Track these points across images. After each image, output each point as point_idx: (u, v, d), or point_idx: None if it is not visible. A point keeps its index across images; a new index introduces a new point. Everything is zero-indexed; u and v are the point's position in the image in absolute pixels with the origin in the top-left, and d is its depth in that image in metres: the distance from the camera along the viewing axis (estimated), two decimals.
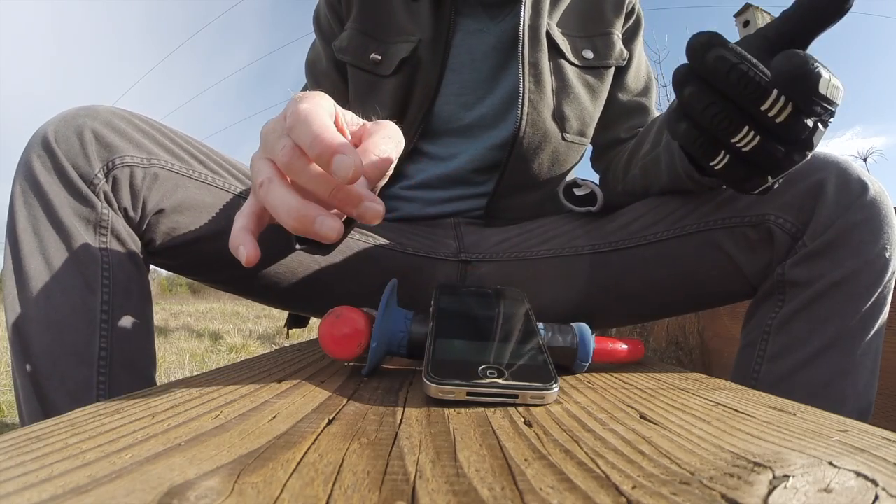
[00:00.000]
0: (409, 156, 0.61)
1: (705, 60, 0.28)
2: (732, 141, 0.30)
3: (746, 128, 0.29)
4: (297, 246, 0.38)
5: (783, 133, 0.29)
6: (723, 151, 0.31)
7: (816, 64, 0.26)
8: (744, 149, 0.30)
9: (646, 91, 0.66)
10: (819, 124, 0.29)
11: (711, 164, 0.32)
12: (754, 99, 0.28)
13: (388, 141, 0.31)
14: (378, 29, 0.59)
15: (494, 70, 0.60)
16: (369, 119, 0.35)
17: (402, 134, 0.34)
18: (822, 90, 0.26)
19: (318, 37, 0.65)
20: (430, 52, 0.58)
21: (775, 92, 0.27)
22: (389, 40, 0.59)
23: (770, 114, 0.28)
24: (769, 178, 0.31)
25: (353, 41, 0.60)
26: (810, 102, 0.27)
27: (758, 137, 0.29)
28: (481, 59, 0.60)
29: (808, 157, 0.30)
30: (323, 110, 0.28)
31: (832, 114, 0.28)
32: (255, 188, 0.29)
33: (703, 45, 0.29)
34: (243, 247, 0.29)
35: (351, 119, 0.34)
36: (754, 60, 0.28)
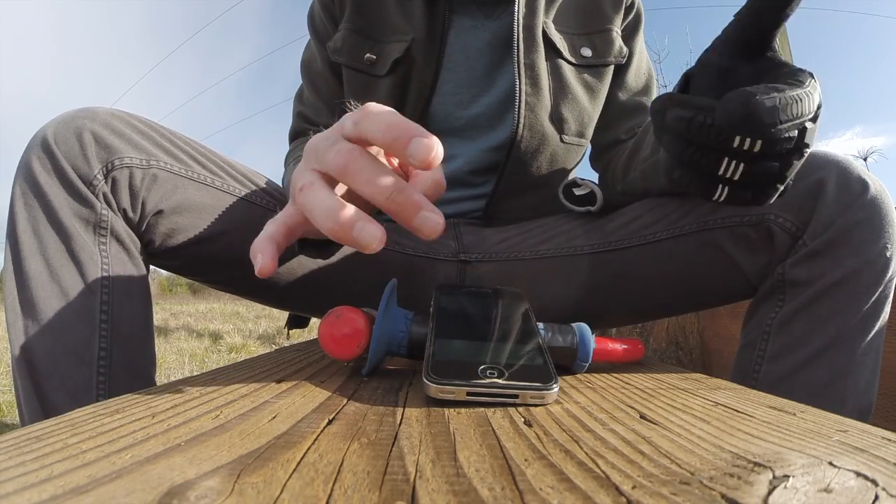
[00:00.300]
0: None
1: (666, 123, 0.30)
2: (720, 174, 0.30)
3: (726, 159, 0.30)
4: (298, 248, 0.38)
5: (768, 155, 0.29)
6: (720, 185, 0.31)
7: (758, 97, 0.27)
8: (734, 178, 0.30)
9: (646, 90, 0.65)
10: (806, 124, 0.29)
11: (714, 199, 0.32)
12: (722, 143, 0.29)
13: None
14: (372, 28, 0.59)
15: (489, 67, 0.59)
16: None
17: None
18: (776, 118, 0.27)
19: (313, 37, 0.64)
20: (425, 51, 0.57)
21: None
22: (383, 40, 0.58)
23: (745, 148, 0.28)
24: (777, 185, 0.31)
25: (347, 41, 0.59)
26: (772, 135, 0.27)
27: (742, 164, 0.30)
28: (476, 57, 0.59)
29: (807, 155, 0.30)
30: (393, 110, 0.27)
31: (814, 118, 0.29)
32: (294, 194, 0.28)
33: (660, 110, 0.30)
34: (262, 255, 0.27)
35: None
36: (712, 106, 0.28)
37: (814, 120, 0.29)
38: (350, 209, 0.25)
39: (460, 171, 0.60)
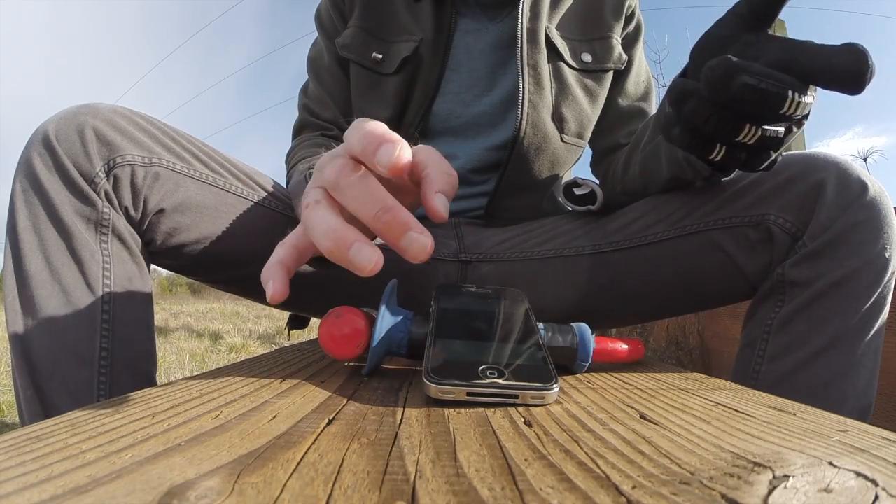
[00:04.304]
0: None
1: (731, 89, 0.28)
2: (736, 139, 0.31)
3: (748, 125, 0.30)
4: (308, 260, 0.39)
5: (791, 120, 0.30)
6: (718, 144, 0.32)
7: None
8: (749, 142, 0.31)
9: (645, 96, 0.66)
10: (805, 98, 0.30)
11: (710, 157, 0.33)
12: (777, 111, 0.29)
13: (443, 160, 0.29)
14: (380, 28, 0.60)
15: (492, 68, 0.60)
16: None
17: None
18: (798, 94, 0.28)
19: (321, 33, 0.65)
20: (431, 52, 0.58)
21: (790, 93, 0.28)
22: (391, 39, 0.59)
23: (788, 113, 0.29)
24: (772, 152, 0.32)
25: (355, 39, 0.60)
26: (803, 84, 0.28)
27: (759, 129, 0.30)
28: (479, 58, 0.60)
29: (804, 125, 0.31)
30: (380, 123, 0.27)
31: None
32: (301, 212, 0.28)
33: (724, 76, 0.28)
34: (273, 281, 0.27)
35: None
36: (771, 73, 0.28)
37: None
38: (349, 229, 0.25)
39: (462, 170, 0.60)
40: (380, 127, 0.26)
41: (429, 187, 0.27)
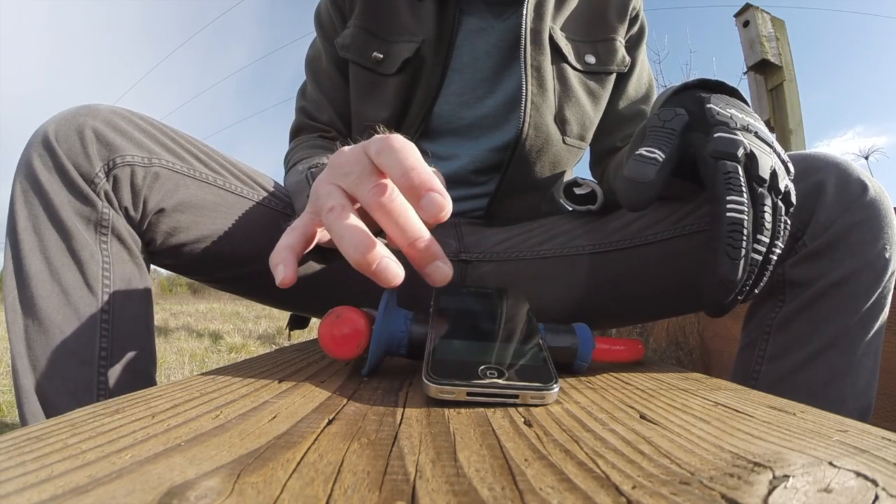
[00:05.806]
0: None
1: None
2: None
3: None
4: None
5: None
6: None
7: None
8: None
9: (646, 99, 0.65)
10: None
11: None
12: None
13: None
14: (381, 27, 0.59)
15: (496, 69, 0.59)
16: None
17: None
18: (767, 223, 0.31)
19: (319, 34, 0.65)
20: (433, 53, 0.57)
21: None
22: (392, 39, 0.58)
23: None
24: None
25: (356, 39, 0.60)
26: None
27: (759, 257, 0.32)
28: (483, 58, 0.59)
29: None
30: (414, 147, 0.28)
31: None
32: (321, 210, 0.29)
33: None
34: (283, 266, 0.29)
35: None
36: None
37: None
38: (377, 245, 0.26)
39: (463, 171, 0.60)
40: (426, 166, 0.27)
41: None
